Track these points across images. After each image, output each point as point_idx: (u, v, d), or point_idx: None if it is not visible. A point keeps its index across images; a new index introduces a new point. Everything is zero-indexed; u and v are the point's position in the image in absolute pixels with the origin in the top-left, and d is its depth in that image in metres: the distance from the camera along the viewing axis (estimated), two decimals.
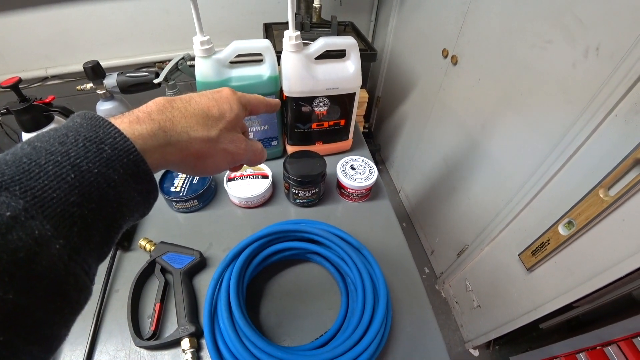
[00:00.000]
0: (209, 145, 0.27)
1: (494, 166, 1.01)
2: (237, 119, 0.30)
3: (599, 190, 0.66)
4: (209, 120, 0.28)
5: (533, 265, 0.86)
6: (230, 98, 0.30)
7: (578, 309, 0.85)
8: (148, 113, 0.24)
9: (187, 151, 0.26)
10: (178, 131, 0.25)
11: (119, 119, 0.23)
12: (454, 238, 1.27)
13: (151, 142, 0.23)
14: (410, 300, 0.50)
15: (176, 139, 0.25)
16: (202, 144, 0.27)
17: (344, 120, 0.68)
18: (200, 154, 0.27)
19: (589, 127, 0.69)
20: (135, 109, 0.25)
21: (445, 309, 1.36)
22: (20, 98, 0.60)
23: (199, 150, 0.27)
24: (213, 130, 0.28)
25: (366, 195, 0.64)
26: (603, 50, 0.65)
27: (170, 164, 0.26)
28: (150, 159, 0.23)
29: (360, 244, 0.50)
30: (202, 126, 0.27)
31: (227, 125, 0.29)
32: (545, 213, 0.81)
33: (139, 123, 0.23)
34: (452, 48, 1.15)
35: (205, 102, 0.28)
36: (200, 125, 0.27)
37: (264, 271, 0.51)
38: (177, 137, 0.25)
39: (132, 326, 0.44)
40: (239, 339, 0.39)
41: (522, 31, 0.84)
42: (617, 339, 0.73)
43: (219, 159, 0.29)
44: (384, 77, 1.81)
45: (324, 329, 0.45)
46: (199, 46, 0.53)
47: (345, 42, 0.58)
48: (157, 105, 0.25)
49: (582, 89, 0.70)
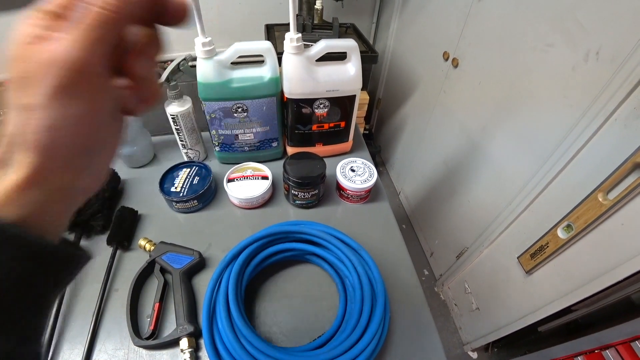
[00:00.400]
0: None
1: (493, 169, 1.01)
2: None
3: (598, 194, 0.66)
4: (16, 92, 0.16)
5: (532, 268, 0.86)
6: None
7: (577, 312, 0.85)
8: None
9: None
10: None
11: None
12: (454, 240, 1.27)
13: None
14: (408, 302, 0.50)
15: None
16: None
17: (344, 122, 0.68)
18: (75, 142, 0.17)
19: (588, 130, 0.69)
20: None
21: (444, 311, 1.36)
22: None
23: None
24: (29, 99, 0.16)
25: (365, 197, 0.64)
26: (603, 54, 0.66)
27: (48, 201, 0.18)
28: None
29: (359, 246, 0.50)
30: None
31: None
32: (545, 216, 0.81)
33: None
34: (453, 51, 1.15)
35: None
36: None
37: (262, 272, 0.52)
38: None
39: (131, 325, 0.45)
40: (237, 340, 0.39)
41: (523, 34, 0.84)
42: (616, 342, 0.73)
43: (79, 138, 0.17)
44: (385, 79, 1.81)
45: (322, 330, 0.46)
46: (200, 47, 0.53)
47: (346, 44, 0.58)
48: None
49: (582, 92, 0.70)
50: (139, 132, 0.67)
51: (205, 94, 0.58)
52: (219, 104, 0.59)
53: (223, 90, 0.57)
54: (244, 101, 0.60)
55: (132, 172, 0.69)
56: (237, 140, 0.66)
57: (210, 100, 0.58)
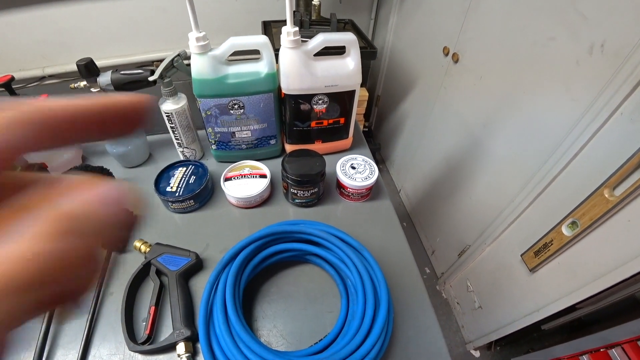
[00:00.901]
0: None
1: (496, 165, 1.00)
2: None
3: (604, 190, 0.65)
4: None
5: (536, 266, 0.85)
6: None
7: (581, 310, 0.83)
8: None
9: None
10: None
11: None
12: (455, 238, 1.26)
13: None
14: (411, 303, 0.48)
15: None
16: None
17: (343, 118, 0.66)
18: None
19: (593, 125, 0.67)
20: None
21: (446, 310, 1.35)
22: (12, 97, 0.59)
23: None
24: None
25: (366, 195, 0.62)
26: (608, 47, 0.64)
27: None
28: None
29: (360, 245, 0.49)
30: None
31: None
32: (549, 213, 0.80)
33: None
34: (453, 46, 1.14)
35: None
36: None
37: (261, 273, 0.50)
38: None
39: (126, 330, 0.43)
40: (235, 344, 0.37)
41: (524, 28, 0.82)
42: (622, 341, 0.72)
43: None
44: (384, 76, 1.79)
45: (323, 333, 0.44)
46: (194, 42, 0.52)
47: (344, 38, 0.57)
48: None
49: (587, 86, 0.69)
50: None
51: (200, 91, 0.56)
52: (215, 100, 0.57)
53: (218, 86, 0.56)
54: (240, 98, 0.58)
55: (126, 172, 0.68)
56: (234, 138, 0.65)
57: (205, 97, 0.57)
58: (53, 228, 0.09)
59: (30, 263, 0.09)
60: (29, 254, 0.09)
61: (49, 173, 0.13)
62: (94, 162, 0.71)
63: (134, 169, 0.69)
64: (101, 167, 0.61)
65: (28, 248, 0.09)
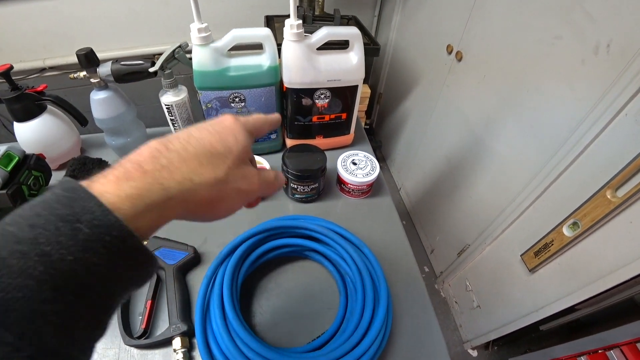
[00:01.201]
0: (218, 188, 0.23)
1: (497, 164, 0.99)
2: (245, 150, 0.26)
3: (606, 191, 0.64)
4: (214, 158, 0.23)
5: (535, 266, 0.84)
6: (234, 127, 0.25)
7: (580, 311, 0.83)
8: (139, 164, 0.20)
9: (193, 201, 0.22)
10: (179, 180, 0.21)
11: (106, 177, 0.19)
12: (455, 237, 1.25)
13: (144, 202, 0.19)
14: (411, 301, 0.48)
15: (177, 189, 0.21)
16: (211, 189, 0.23)
17: (345, 113, 0.65)
18: (210, 200, 0.23)
19: (597, 126, 0.67)
20: (125, 159, 0.21)
21: (444, 309, 1.35)
22: (11, 86, 0.58)
23: (208, 196, 0.23)
24: (220, 170, 0.23)
25: (367, 191, 0.62)
26: (614, 47, 0.63)
27: (173, 219, 0.22)
28: (144, 222, 0.19)
29: (360, 242, 0.48)
30: (207, 167, 0.22)
31: (235, 160, 0.24)
32: (550, 213, 0.79)
33: (128, 179, 0.19)
34: (457, 44, 1.13)
35: (207, 138, 0.24)
36: (205, 167, 0.22)
37: (259, 268, 0.50)
38: (178, 188, 0.21)
39: (122, 324, 0.43)
40: (231, 340, 0.37)
41: (529, 27, 0.82)
42: (620, 343, 0.71)
43: (231, 201, 0.25)
44: (386, 73, 1.78)
45: (321, 329, 0.44)
46: (196, 33, 0.51)
47: (348, 32, 0.56)
48: (150, 151, 0.21)
49: (591, 86, 0.68)
50: (133, 123, 0.65)
51: (201, 83, 0.55)
52: (216, 93, 0.57)
53: (220, 78, 0.55)
54: (241, 90, 0.57)
55: None
56: None
57: (206, 89, 0.56)
58: (277, 175, 0.30)
59: (259, 185, 0.27)
60: (259, 182, 0.27)
61: None
62: (93, 154, 0.70)
63: None
64: (100, 159, 0.60)
65: (274, 177, 0.30)
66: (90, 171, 0.57)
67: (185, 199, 0.21)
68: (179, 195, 0.21)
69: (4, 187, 0.50)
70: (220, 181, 0.23)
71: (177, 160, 0.21)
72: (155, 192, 0.19)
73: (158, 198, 0.20)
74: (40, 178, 0.56)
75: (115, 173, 0.19)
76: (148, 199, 0.19)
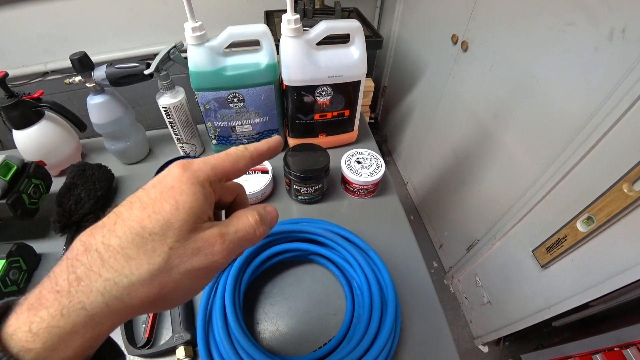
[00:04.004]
0: (159, 281, 0.18)
1: (507, 157, 0.96)
2: (194, 213, 0.19)
3: (622, 185, 0.61)
4: (145, 244, 0.18)
5: (548, 262, 0.82)
6: (178, 185, 0.19)
7: (594, 307, 0.81)
8: (55, 281, 0.17)
9: (131, 306, 0.18)
10: (100, 290, 0.17)
11: (22, 305, 0.17)
12: (464, 232, 1.23)
13: (63, 330, 0.16)
14: (420, 305, 0.46)
15: (101, 302, 0.17)
16: (149, 286, 0.18)
17: (348, 110, 0.63)
18: (153, 298, 0.18)
19: (612, 116, 0.64)
20: (48, 274, 0.17)
21: (453, 304, 1.33)
22: (7, 94, 0.57)
23: (148, 294, 0.18)
24: (157, 257, 0.18)
25: (373, 190, 0.60)
26: (630, 33, 0.60)
27: (113, 329, 0.18)
28: (69, 350, 0.16)
29: (366, 245, 0.47)
30: (137, 260, 0.18)
31: (178, 235, 0.18)
32: (563, 208, 0.76)
33: (41, 306, 0.16)
34: (462, 33, 1.09)
35: (137, 216, 0.18)
36: (135, 260, 0.17)
37: (262, 274, 0.48)
38: (101, 300, 0.17)
39: (125, 333, 0.42)
40: (234, 350, 0.36)
41: (539, 13, 0.78)
42: (637, 341, 0.69)
43: (186, 287, 0.19)
44: (390, 66, 1.75)
45: (327, 336, 0.42)
46: (190, 33, 0.49)
47: (348, 25, 0.54)
48: (69, 259, 0.17)
49: (606, 74, 0.65)
50: (132, 127, 0.64)
51: (198, 84, 0.54)
52: (213, 94, 0.55)
53: (217, 78, 0.53)
54: (239, 90, 0.56)
55: (126, 168, 0.66)
56: (234, 132, 0.62)
57: (203, 90, 0.55)
58: (260, 218, 0.22)
59: (227, 250, 0.20)
60: (226, 247, 0.20)
61: None
62: (93, 159, 0.69)
63: (133, 166, 0.67)
64: (99, 165, 0.59)
65: (253, 223, 0.22)
66: (90, 177, 0.56)
67: (116, 309, 0.17)
68: (104, 309, 0.17)
69: (3, 197, 0.49)
70: (160, 271, 0.18)
71: (98, 263, 0.17)
72: (74, 313, 0.16)
73: (79, 319, 0.16)
74: (41, 186, 0.56)
75: (30, 300, 0.17)
76: (68, 325, 0.16)
